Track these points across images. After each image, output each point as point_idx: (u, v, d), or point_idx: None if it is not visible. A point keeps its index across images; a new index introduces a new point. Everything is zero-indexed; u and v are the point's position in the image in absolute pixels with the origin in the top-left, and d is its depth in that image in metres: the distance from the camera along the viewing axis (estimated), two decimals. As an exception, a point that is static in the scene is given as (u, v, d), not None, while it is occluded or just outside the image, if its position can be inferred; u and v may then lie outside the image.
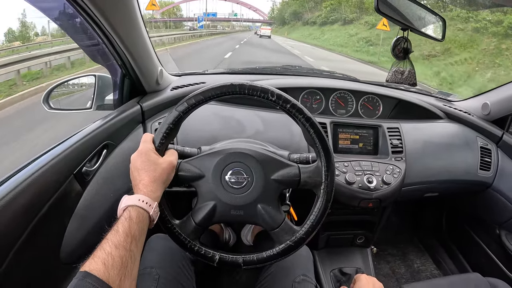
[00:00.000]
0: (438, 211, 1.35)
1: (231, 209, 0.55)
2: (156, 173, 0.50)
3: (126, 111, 0.78)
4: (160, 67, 0.87)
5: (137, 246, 0.43)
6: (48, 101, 0.81)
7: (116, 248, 0.39)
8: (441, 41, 0.73)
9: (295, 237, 0.55)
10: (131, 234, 0.42)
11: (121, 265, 0.38)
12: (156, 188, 0.49)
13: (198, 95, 0.53)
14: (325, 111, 0.96)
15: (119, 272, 0.38)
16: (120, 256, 0.39)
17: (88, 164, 0.67)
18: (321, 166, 0.55)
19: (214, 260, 0.55)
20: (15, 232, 0.51)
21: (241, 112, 0.88)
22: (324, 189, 0.55)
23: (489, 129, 1.04)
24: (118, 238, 0.40)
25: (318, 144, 0.54)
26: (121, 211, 0.46)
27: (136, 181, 0.49)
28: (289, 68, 1.20)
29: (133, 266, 0.41)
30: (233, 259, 0.55)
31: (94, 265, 0.37)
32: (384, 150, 0.91)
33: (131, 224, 0.43)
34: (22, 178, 0.52)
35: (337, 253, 1.08)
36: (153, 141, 0.54)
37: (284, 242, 0.55)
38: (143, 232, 0.45)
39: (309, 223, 0.55)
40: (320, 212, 0.55)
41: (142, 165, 0.50)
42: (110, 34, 0.65)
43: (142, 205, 0.46)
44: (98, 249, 0.39)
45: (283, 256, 0.55)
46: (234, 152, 0.56)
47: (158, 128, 0.54)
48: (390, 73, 0.78)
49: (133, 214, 0.44)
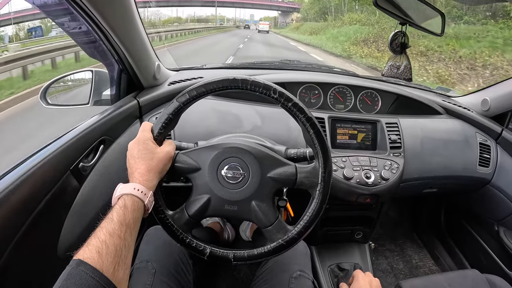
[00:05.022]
0: (437, 207, 1.35)
1: (225, 203, 0.55)
2: (153, 162, 0.49)
3: (123, 106, 0.77)
4: (157, 61, 0.86)
5: (132, 234, 0.42)
6: (45, 97, 0.81)
7: (110, 236, 0.39)
8: (440, 35, 0.72)
9: (287, 236, 0.54)
10: (125, 223, 0.41)
11: (115, 253, 0.38)
12: (152, 177, 0.49)
13: (200, 87, 0.53)
14: (324, 106, 0.96)
15: (113, 260, 0.37)
16: (115, 245, 0.39)
17: (85, 159, 0.67)
18: (319, 167, 0.54)
19: (205, 253, 0.55)
20: (12, 227, 0.51)
21: (238, 107, 0.88)
22: (320, 191, 0.54)
23: (488, 125, 1.03)
24: (113, 226, 0.40)
25: (317, 144, 0.54)
26: (116, 199, 0.45)
27: (132, 169, 0.49)
28: (287, 63, 1.20)
29: (127, 254, 0.41)
30: (224, 253, 0.55)
31: (88, 253, 0.37)
32: (383, 145, 0.91)
33: (126, 213, 0.43)
34: (18, 174, 0.52)
35: (335, 248, 1.09)
36: (151, 130, 0.54)
37: (276, 241, 0.54)
38: (138, 221, 0.45)
39: (302, 224, 0.54)
40: (314, 213, 0.54)
41: (139, 154, 0.49)
42: (105, 29, 0.65)
43: (137, 194, 0.45)
44: (92, 237, 0.39)
45: (274, 254, 0.55)
46: (231, 147, 0.55)
47: (158, 118, 0.54)
48: (386, 67, 0.78)
49: (128, 202, 0.44)
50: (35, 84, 4.10)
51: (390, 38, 0.70)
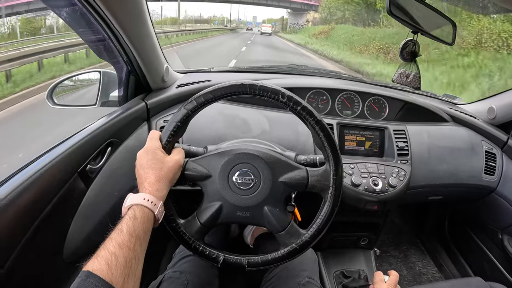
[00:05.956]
0: (441, 214, 1.35)
1: (237, 210, 0.54)
2: (162, 172, 0.49)
3: (131, 109, 0.77)
4: (166, 64, 0.86)
5: (142, 246, 0.42)
6: (52, 97, 0.80)
7: (120, 248, 0.39)
8: (451, 45, 0.72)
9: (300, 240, 0.54)
10: (135, 234, 0.41)
11: (124, 265, 0.38)
12: (162, 187, 0.48)
13: (208, 93, 0.52)
14: (331, 111, 0.96)
15: (122, 272, 0.37)
16: (124, 256, 0.38)
17: (93, 162, 0.66)
18: (330, 170, 0.54)
19: (218, 261, 0.54)
20: (20, 230, 0.50)
21: (246, 111, 0.88)
22: (332, 193, 0.54)
23: (494, 134, 1.04)
24: (122, 237, 0.40)
25: (328, 147, 0.54)
26: (125, 210, 0.45)
27: (141, 179, 0.48)
28: (295, 68, 1.20)
29: (137, 266, 0.40)
30: (238, 260, 0.54)
31: (98, 264, 0.36)
32: (390, 152, 0.91)
33: (136, 224, 0.42)
34: (27, 175, 0.51)
35: (340, 254, 1.08)
36: (160, 139, 0.53)
37: (290, 245, 0.54)
38: (148, 232, 0.44)
39: (315, 227, 0.54)
40: (326, 216, 0.54)
41: (148, 163, 0.49)
42: (117, 30, 0.64)
43: (147, 204, 0.45)
44: (102, 249, 0.38)
45: (288, 258, 0.54)
46: (242, 153, 0.55)
47: (166, 126, 0.53)
48: (396, 74, 0.78)
49: (138, 213, 0.43)
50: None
51: (401, 46, 0.70)
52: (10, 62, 3.77)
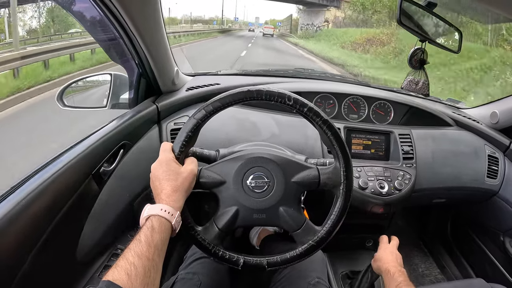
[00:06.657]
0: (444, 216, 1.36)
1: (254, 213, 0.55)
2: (178, 182, 0.50)
3: (142, 111, 0.78)
4: (176, 67, 0.87)
5: (160, 255, 0.43)
6: (62, 98, 0.81)
7: (139, 258, 0.39)
8: (457, 53, 0.74)
9: (317, 237, 0.56)
10: (153, 244, 0.42)
11: (144, 275, 0.38)
12: (179, 197, 0.49)
13: (216, 101, 0.53)
14: (338, 115, 0.97)
15: (142, 282, 0.38)
16: (143, 266, 0.39)
17: (106, 164, 0.67)
18: (340, 167, 0.56)
19: (239, 264, 0.55)
20: (36, 232, 0.50)
21: (256, 115, 0.89)
22: (343, 189, 0.56)
23: (497, 138, 1.05)
24: (141, 248, 0.41)
25: (336, 145, 0.55)
26: (143, 220, 0.46)
27: (157, 190, 0.49)
28: (301, 71, 1.21)
29: (156, 275, 0.41)
30: (257, 261, 0.55)
31: (117, 274, 0.37)
32: (396, 156, 0.92)
33: (154, 234, 0.43)
34: (42, 179, 0.52)
35: (346, 255, 1.09)
36: (172, 149, 0.53)
37: (307, 243, 0.55)
38: (165, 241, 0.45)
39: (330, 223, 0.56)
40: (340, 211, 0.56)
41: (163, 175, 0.50)
42: (132, 33, 0.65)
43: (165, 215, 0.46)
44: (121, 259, 0.39)
45: (306, 256, 0.56)
46: (254, 157, 0.56)
47: (177, 136, 0.54)
48: (405, 82, 0.79)
49: (156, 224, 0.44)
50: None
51: (410, 54, 0.72)
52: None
